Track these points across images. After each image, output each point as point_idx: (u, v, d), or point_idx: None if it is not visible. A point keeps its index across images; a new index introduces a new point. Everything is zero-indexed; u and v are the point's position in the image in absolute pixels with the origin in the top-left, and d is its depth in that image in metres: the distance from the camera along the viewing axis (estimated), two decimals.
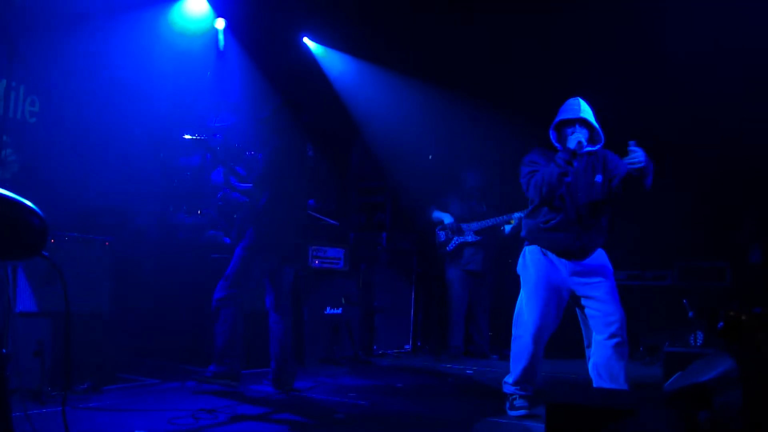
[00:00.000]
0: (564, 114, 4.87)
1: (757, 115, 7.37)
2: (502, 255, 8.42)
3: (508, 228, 8.09)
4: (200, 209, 7.62)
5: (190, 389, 5.55)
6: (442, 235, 8.47)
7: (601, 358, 4.73)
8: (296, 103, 5.83)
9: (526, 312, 4.90)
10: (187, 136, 5.34)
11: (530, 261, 4.97)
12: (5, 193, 1.99)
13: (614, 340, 4.69)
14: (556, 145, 4.86)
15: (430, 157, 9.83)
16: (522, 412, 4.88)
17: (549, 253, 4.91)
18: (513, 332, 4.99)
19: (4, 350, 1.95)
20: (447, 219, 8.44)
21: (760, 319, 2.82)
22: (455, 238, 8.37)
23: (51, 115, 6.48)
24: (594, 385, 4.78)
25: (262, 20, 9.19)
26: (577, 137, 4.67)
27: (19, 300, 4.57)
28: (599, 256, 4.95)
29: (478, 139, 9.29)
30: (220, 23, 8.99)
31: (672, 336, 7.28)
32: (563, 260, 4.87)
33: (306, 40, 9.97)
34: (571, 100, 4.93)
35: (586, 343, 4.96)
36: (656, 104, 8.06)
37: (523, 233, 5.09)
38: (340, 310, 7.68)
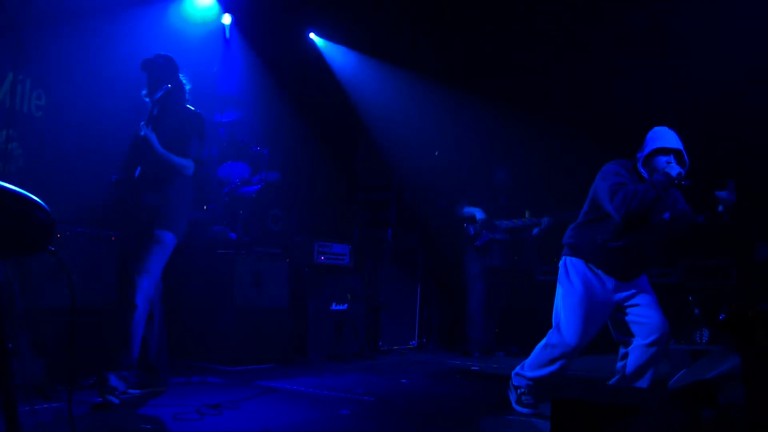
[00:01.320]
0: (662, 142, 4.64)
1: (765, 112, 7.36)
2: (521, 254, 8.46)
3: (536, 230, 8.14)
4: (205, 205, 7.62)
5: (195, 385, 5.56)
6: (471, 229, 8.46)
7: (638, 361, 4.70)
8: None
9: (564, 326, 4.77)
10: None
11: (575, 275, 4.79)
12: (11, 188, 1.99)
13: (655, 348, 4.68)
14: (642, 170, 4.68)
15: (437, 153, 9.83)
16: (530, 410, 4.88)
17: (595, 269, 4.77)
18: (547, 339, 4.86)
19: (9, 345, 1.95)
20: (479, 214, 8.44)
21: (763, 316, 2.81)
22: (485, 234, 8.36)
23: (57, 109, 6.48)
24: (613, 382, 4.79)
25: (269, 16, 9.18)
26: (678, 169, 4.54)
27: (25, 295, 4.58)
28: None
29: (484, 136, 9.29)
30: (227, 19, 8.99)
31: (677, 333, 7.27)
32: (611, 278, 4.75)
33: (312, 35, 9.97)
34: (665, 129, 4.74)
35: (619, 343, 4.91)
36: (664, 99, 8.04)
37: (572, 241, 4.89)
38: (345, 306, 7.68)
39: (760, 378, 2.76)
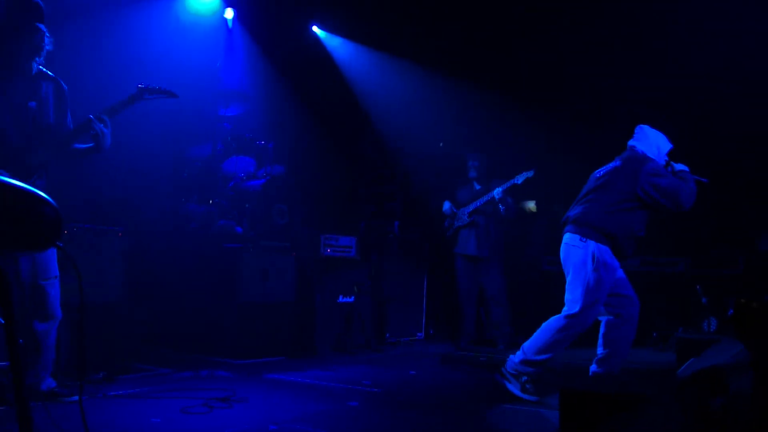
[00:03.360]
0: (671, 144, 5.31)
1: None
2: (506, 238, 8.33)
3: (502, 209, 7.99)
4: (211, 199, 7.63)
5: (203, 378, 5.58)
6: (446, 222, 8.46)
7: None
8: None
9: (585, 309, 4.93)
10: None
11: (602, 263, 4.98)
12: (19, 184, 1.99)
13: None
14: (657, 156, 5.22)
15: (441, 144, 9.81)
16: (536, 398, 4.96)
17: (614, 257, 5.07)
18: (568, 321, 4.95)
19: (21, 341, 1.96)
20: (445, 206, 8.42)
21: None
22: (454, 224, 8.35)
23: None
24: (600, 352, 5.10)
25: (271, 9, 9.18)
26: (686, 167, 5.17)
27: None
28: None
29: (489, 127, 9.27)
30: (229, 13, 8.99)
31: (685, 322, 7.27)
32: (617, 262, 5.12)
33: (315, 28, 9.95)
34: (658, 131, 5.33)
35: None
36: (668, 94, 8.02)
37: (606, 228, 5.02)
38: (352, 299, 7.69)
39: None
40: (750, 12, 7.25)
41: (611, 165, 5.21)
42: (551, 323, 5.01)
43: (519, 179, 7.75)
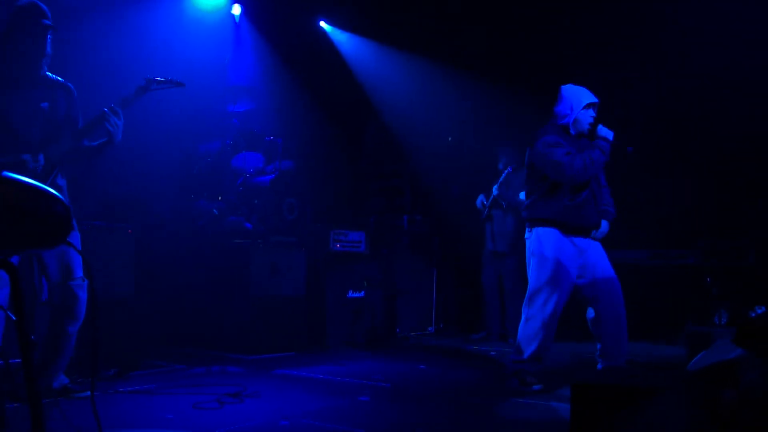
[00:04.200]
0: (588, 98, 5.11)
1: None
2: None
3: (504, 205, 8.08)
4: (221, 195, 7.65)
5: (215, 374, 5.60)
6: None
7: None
8: None
9: (545, 294, 5.01)
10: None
11: (549, 244, 5.04)
12: (29, 182, 2.01)
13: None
14: (572, 130, 5.12)
15: (450, 139, 9.80)
16: (539, 386, 5.05)
17: (571, 237, 5.06)
18: (526, 312, 5.09)
19: (32, 337, 1.97)
20: (478, 199, 8.42)
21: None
22: (481, 217, 8.37)
23: None
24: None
25: (278, 5, 9.19)
26: (610, 132, 5.05)
27: (45, 288, 4.61)
28: None
29: (498, 120, 9.26)
30: (236, 9, 9.00)
31: (696, 315, 7.24)
32: (579, 238, 5.09)
33: (322, 23, 9.95)
34: (578, 86, 5.19)
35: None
36: (676, 83, 7.99)
37: (540, 214, 5.11)
38: (362, 294, 7.70)
39: None
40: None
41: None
42: (521, 317, 5.17)
43: (509, 169, 7.90)
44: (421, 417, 4.48)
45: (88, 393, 4.48)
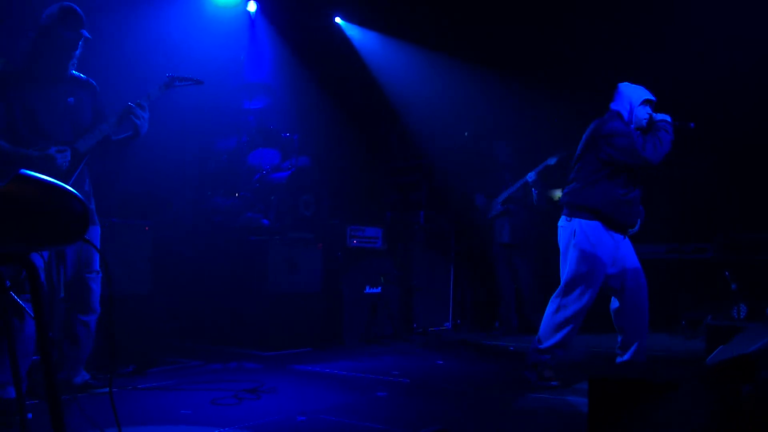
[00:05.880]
0: (646, 94, 5.05)
1: None
2: (540, 226, 8.28)
3: (535, 193, 8.01)
4: (237, 192, 7.67)
5: (232, 370, 5.62)
6: (486, 215, 8.45)
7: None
8: None
9: (582, 286, 4.96)
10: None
11: (593, 239, 4.96)
12: (46, 179, 2.02)
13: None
14: (635, 113, 5.04)
15: (466, 134, 9.79)
16: (556, 382, 5.02)
17: (610, 231, 5.01)
18: (558, 301, 5.02)
19: (51, 334, 1.98)
20: (478, 199, 8.43)
21: None
22: (488, 215, 8.37)
23: None
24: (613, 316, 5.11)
25: (293, 1, 9.19)
26: (667, 116, 4.98)
27: (62, 285, 4.64)
28: None
29: (514, 115, 9.22)
30: (252, 6, 9.02)
31: (714, 309, 7.19)
32: (620, 235, 5.05)
33: (338, 19, 9.95)
34: (636, 84, 5.13)
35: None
36: (693, 75, 7.91)
37: (585, 202, 5.02)
38: (379, 289, 7.70)
39: None
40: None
41: (584, 135, 5.18)
42: (548, 307, 5.10)
43: (552, 160, 7.77)
44: (438, 412, 4.48)
45: (107, 389, 4.50)
